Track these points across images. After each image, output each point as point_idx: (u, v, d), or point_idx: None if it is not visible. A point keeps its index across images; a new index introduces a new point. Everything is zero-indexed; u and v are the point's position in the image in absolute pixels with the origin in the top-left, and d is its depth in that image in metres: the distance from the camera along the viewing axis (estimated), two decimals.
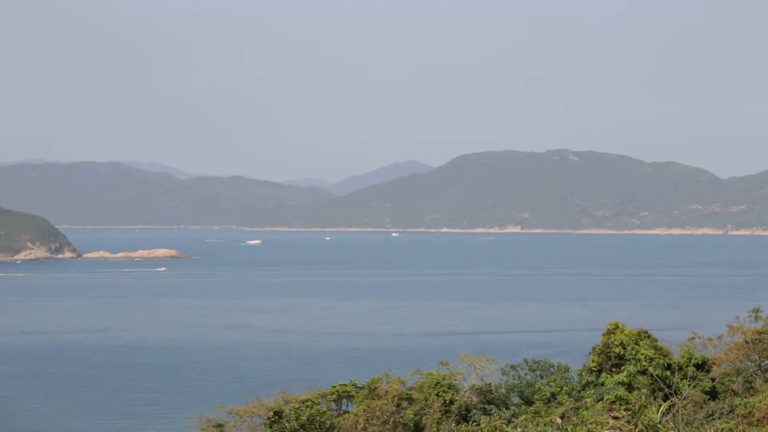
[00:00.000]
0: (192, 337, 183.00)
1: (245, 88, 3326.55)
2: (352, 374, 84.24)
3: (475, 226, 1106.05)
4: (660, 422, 35.61)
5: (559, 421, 47.58)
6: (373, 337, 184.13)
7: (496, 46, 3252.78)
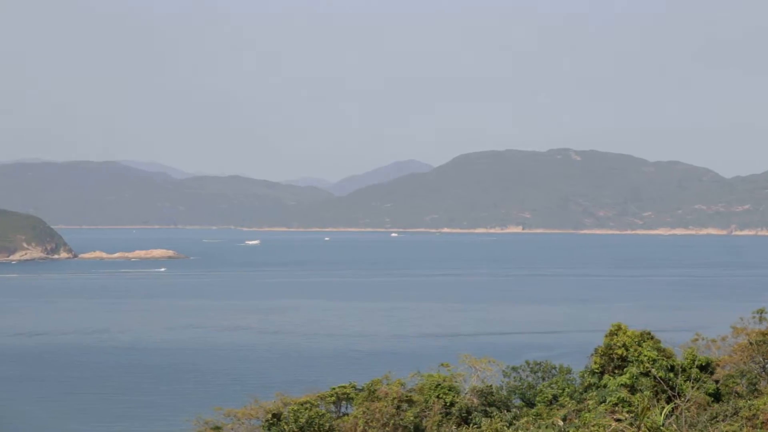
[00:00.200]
0: (190, 339, 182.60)
1: (244, 87, 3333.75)
2: (352, 376, 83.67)
3: (475, 226, 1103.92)
4: (663, 425, 35.47)
5: (561, 423, 47.26)
6: (373, 338, 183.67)
7: (496, 45, 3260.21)
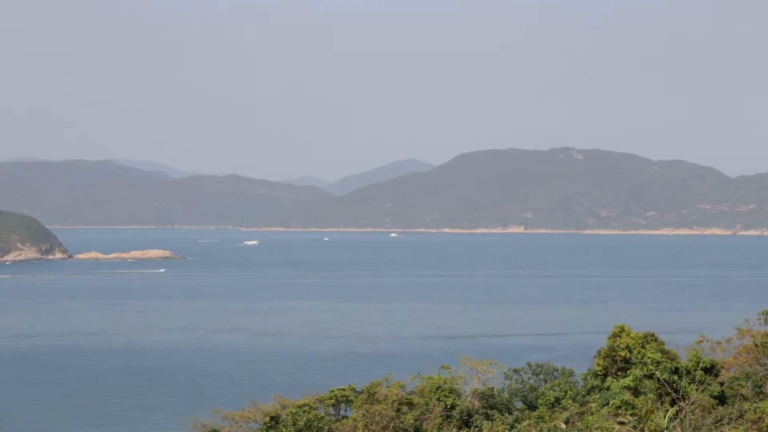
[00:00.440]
0: (186, 340, 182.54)
1: (242, 86, 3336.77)
2: (351, 378, 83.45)
3: (476, 226, 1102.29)
4: (667, 428, 35.48)
5: (564, 426, 47.26)
6: (373, 340, 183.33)
7: (497, 45, 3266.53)
